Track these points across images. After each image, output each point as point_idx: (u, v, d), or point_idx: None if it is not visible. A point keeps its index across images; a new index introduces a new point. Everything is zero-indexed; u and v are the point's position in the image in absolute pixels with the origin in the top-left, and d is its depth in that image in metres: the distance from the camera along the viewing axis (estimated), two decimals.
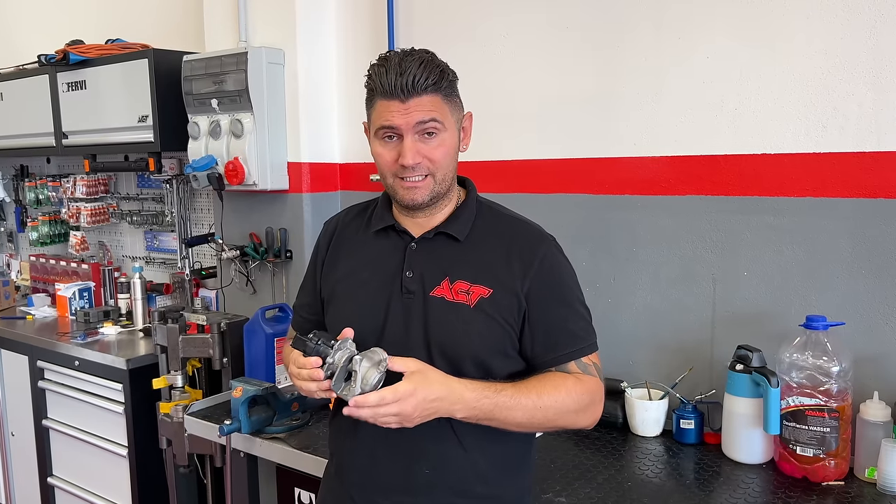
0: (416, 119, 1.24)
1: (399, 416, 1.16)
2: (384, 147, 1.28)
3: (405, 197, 1.30)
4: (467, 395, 1.20)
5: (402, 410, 1.15)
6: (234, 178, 2.56)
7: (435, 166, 1.27)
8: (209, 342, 2.50)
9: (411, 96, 1.23)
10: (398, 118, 1.24)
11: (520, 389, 1.24)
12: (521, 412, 1.23)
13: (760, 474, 1.74)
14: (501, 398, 1.22)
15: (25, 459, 3.23)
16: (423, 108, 1.24)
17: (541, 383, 1.27)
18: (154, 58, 2.78)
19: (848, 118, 1.77)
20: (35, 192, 3.80)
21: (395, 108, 1.24)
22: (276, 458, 2.02)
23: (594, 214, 2.17)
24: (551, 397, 1.25)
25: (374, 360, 1.18)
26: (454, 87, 1.31)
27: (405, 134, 1.25)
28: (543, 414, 1.25)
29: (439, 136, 1.27)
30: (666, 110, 2.02)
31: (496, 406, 1.21)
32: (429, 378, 1.19)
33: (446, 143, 1.28)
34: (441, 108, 1.26)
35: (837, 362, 1.68)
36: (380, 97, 1.26)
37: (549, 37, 2.21)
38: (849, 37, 1.75)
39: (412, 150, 1.25)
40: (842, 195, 1.79)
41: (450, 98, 1.29)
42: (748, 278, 1.94)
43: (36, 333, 3.13)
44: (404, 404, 1.15)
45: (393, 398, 1.15)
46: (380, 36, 2.55)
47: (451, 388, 1.20)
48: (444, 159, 1.28)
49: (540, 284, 1.30)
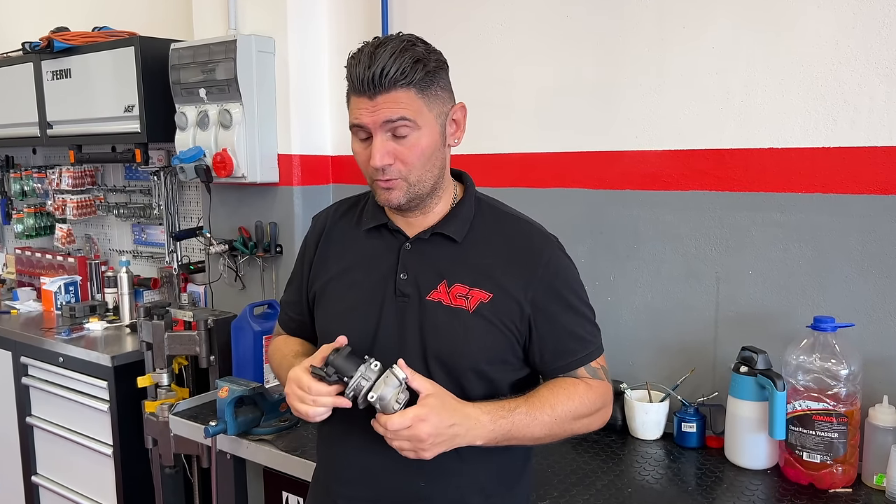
0: (384, 118, 1.15)
1: (411, 443, 1.10)
2: (359, 146, 1.21)
3: (381, 197, 1.23)
4: (483, 419, 1.15)
5: (415, 436, 1.10)
6: (223, 171, 2.50)
7: (407, 169, 1.18)
8: (196, 339, 2.44)
9: (379, 92, 1.14)
10: (366, 116, 1.16)
11: (534, 405, 1.20)
12: (538, 428, 1.19)
13: (765, 480, 1.69)
14: (517, 417, 1.17)
15: (9, 458, 3.17)
16: (393, 105, 1.14)
17: (553, 394, 1.22)
18: (141, 45, 2.71)
19: (859, 111, 1.71)
20: (20, 184, 3.72)
21: (363, 105, 1.16)
22: (262, 461, 1.96)
23: (594, 210, 2.11)
24: (565, 408, 1.22)
25: (398, 380, 1.14)
26: (434, 77, 1.18)
27: (374, 133, 1.17)
28: (560, 425, 1.22)
29: (411, 135, 1.17)
30: (669, 102, 1.96)
31: (513, 426, 1.17)
32: (445, 403, 1.13)
33: (421, 142, 1.18)
34: (414, 104, 1.16)
35: (846, 365, 1.62)
36: (351, 92, 1.19)
37: (548, 25, 2.15)
38: (861, 26, 1.69)
39: (380, 151, 1.16)
40: (852, 191, 1.73)
41: (427, 91, 1.17)
42: (753, 277, 1.88)
43: (20, 329, 3.07)
44: (416, 430, 1.09)
45: (404, 422, 1.09)
46: (373, 24, 2.48)
47: (465, 414, 1.14)
48: (418, 160, 1.18)
49: (546, 290, 1.24)
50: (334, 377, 1.14)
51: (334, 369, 1.14)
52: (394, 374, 1.13)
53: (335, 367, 1.14)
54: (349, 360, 1.15)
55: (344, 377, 1.14)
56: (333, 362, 1.14)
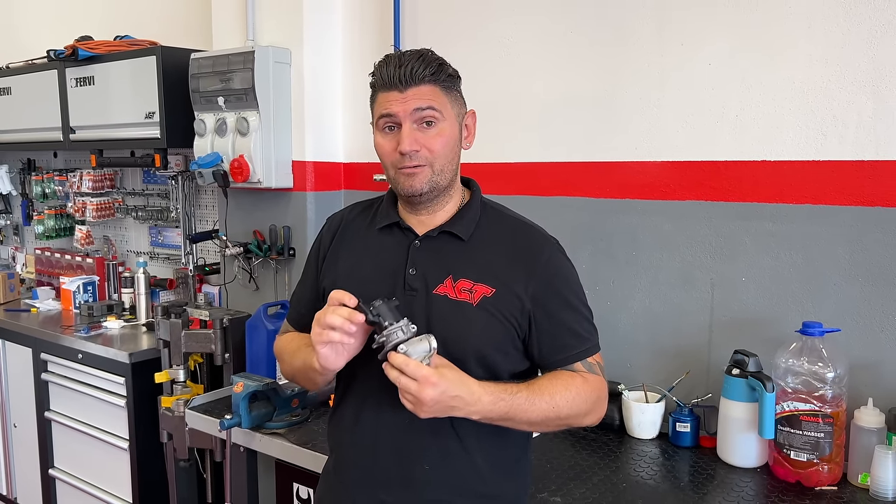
0: (414, 106, 1.26)
1: (414, 397, 1.16)
2: (384, 138, 1.31)
3: (405, 185, 1.31)
4: (485, 399, 1.21)
5: (420, 392, 1.15)
6: (239, 176, 2.58)
7: (433, 155, 1.29)
8: (211, 337, 2.52)
9: (409, 86, 1.26)
10: (396, 106, 1.27)
11: (534, 391, 1.27)
12: (535, 413, 1.26)
13: (755, 478, 1.75)
14: (517, 400, 1.24)
15: (27, 451, 3.25)
16: (421, 97, 1.27)
17: (552, 384, 1.29)
18: (162, 55, 2.80)
19: (847, 127, 1.78)
20: (41, 186, 3.82)
21: (393, 97, 1.27)
22: (275, 453, 2.03)
23: (595, 218, 2.19)
24: (563, 398, 1.28)
25: (430, 347, 1.19)
26: (454, 81, 1.33)
27: (403, 122, 1.27)
28: (556, 414, 1.28)
29: (438, 125, 1.29)
30: (668, 115, 2.04)
31: (511, 408, 1.23)
32: (457, 377, 1.20)
33: (445, 133, 1.30)
34: (439, 98, 1.29)
35: (832, 368, 1.69)
36: (380, 89, 1.30)
37: (552, 40, 2.23)
38: (849, 46, 1.76)
39: (409, 137, 1.27)
40: (840, 203, 1.80)
41: (449, 90, 1.31)
42: (746, 284, 1.95)
43: (40, 326, 3.15)
44: (424, 386, 1.15)
45: (418, 374, 1.15)
46: (386, 37, 2.57)
47: (470, 390, 1.20)
48: (443, 149, 1.30)
49: (545, 287, 1.32)
50: (376, 318, 1.19)
51: (378, 312, 1.19)
52: (428, 341, 1.19)
53: (379, 311, 1.19)
54: (394, 311, 1.20)
55: (385, 321, 1.19)
56: (380, 307, 1.19)
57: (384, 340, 1.19)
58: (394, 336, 1.19)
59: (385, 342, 1.19)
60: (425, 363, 1.18)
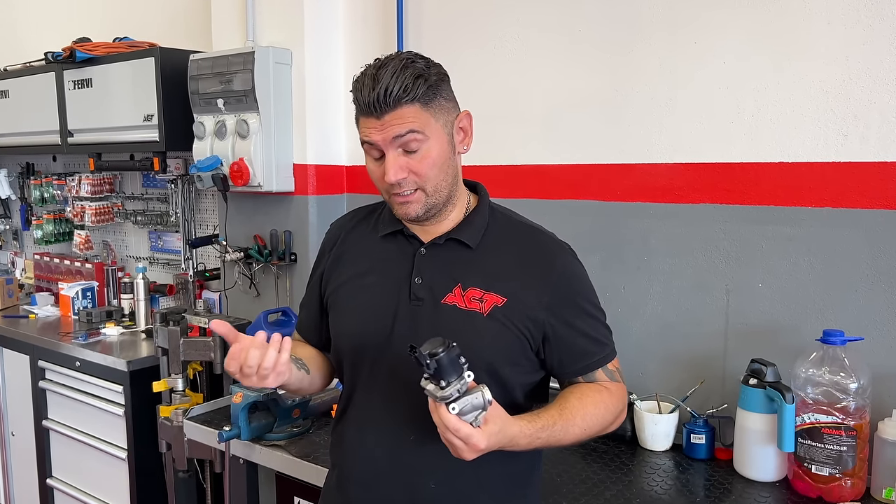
0: (393, 134, 1.19)
1: (456, 451, 1.11)
2: (373, 164, 1.25)
3: (399, 212, 1.27)
4: (522, 443, 1.17)
5: (463, 452, 1.10)
6: (239, 179, 2.53)
7: (422, 180, 1.22)
8: (211, 345, 2.47)
9: (385, 111, 1.18)
10: (375, 134, 1.20)
11: (567, 419, 1.23)
12: (568, 440, 1.24)
13: (773, 493, 1.69)
14: (553, 433, 1.21)
15: (25, 460, 3.21)
16: (400, 121, 1.18)
17: (583, 406, 1.25)
18: (161, 56, 2.76)
19: (869, 126, 1.72)
20: (40, 190, 3.78)
21: (371, 124, 1.20)
22: (275, 466, 1.98)
23: (605, 222, 2.13)
24: (593, 417, 1.26)
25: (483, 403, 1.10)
26: (437, 90, 1.22)
27: (386, 150, 1.21)
28: (587, 435, 1.27)
29: (422, 147, 1.21)
30: (680, 116, 1.98)
31: (546, 443, 1.21)
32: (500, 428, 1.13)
33: (431, 153, 1.22)
34: (420, 117, 1.20)
35: (855, 379, 1.63)
36: (360, 114, 1.23)
37: (560, 40, 2.17)
38: (871, 42, 1.70)
39: (394, 167, 1.20)
40: (862, 206, 1.74)
41: (431, 104, 1.21)
42: (763, 290, 1.89)
43: (38, 333, 3.11)
44: (469, 450, 1.10)
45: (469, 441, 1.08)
46: (389, 37, 2.52)
47: (511, 440, 1.15)
48: (432, 170, 1.22)
49: (561, 296, 1.27)
50: (433, 371, 1.05)
51: (437, 365, 1.04)
52: (482, 395, 1.09)
53: (439, 364, 1.04)
54: (455, 362, 1.06)
55: (441, 379, 1.06)
56: (441, 359, 1.04)
57: (437, 395, 1.07)
58: (448, 397, 1.06)
59: (437, 398, 1.07)
60: (479, 420, 1.09)
